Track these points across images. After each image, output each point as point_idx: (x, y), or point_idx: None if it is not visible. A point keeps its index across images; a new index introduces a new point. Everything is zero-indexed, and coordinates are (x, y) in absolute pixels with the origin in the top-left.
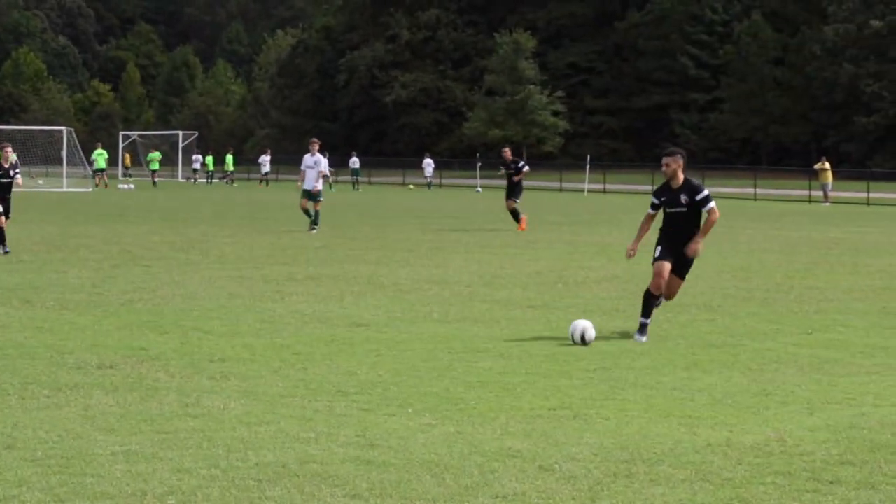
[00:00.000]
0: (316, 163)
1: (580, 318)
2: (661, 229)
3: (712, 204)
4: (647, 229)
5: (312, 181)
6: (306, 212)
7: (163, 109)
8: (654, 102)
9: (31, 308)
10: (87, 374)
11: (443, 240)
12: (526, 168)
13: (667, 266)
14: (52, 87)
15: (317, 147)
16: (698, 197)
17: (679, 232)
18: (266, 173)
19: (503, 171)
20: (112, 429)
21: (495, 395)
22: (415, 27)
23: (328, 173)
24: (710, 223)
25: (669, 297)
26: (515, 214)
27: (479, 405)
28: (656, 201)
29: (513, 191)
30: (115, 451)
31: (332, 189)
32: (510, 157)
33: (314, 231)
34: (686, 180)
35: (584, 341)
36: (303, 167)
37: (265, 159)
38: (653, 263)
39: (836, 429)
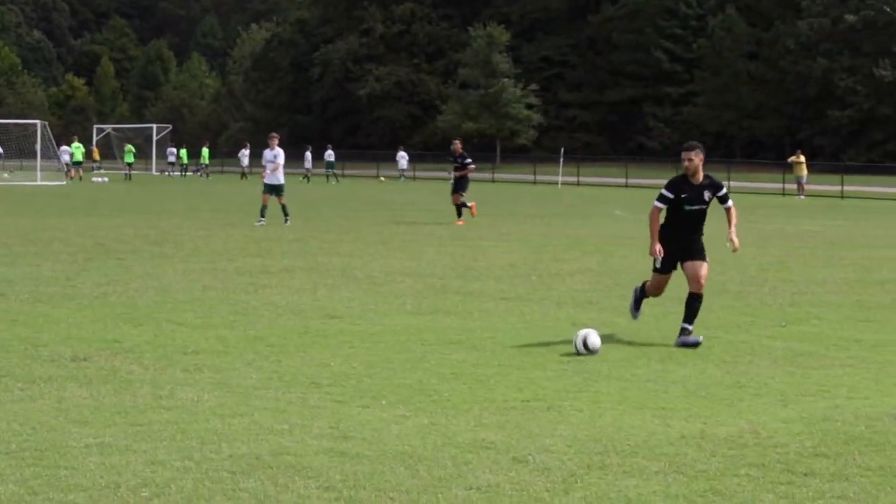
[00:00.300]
0: (275, 156)
1: (554, 310)
2: (667, 228)
3: (731, 202)
4: (659, 224)
5: (273, 175)
6: (264, 208)
7: (137, 103)
8: (628, 96)
9: (5, 301)
10: (61, 367)
11: (416, 232)
12: (472, 166)
13: (667, 279)
14: (26, 80)
15: (275, 142)
16: (721, 193)
17: (691, 231)
18: (246, 167)
19: (455, 169)
20: (86, 421)
21: (469, 386)
22: (389, 20)
23: (312, 167)
24: (736, 220)
25: (698, 289)
26: (460, 208)
27: (452, 397)
28: (670, 196)
29: (459, 185)
30: (89, 443)
31: (308, 182)
32: (459, 151)
33: (287, 223)
34: (707, 176)
35: (587, 348)
36: (264, 162)
37: (244, 153)
38: (653, 271)
39: (809, 421)
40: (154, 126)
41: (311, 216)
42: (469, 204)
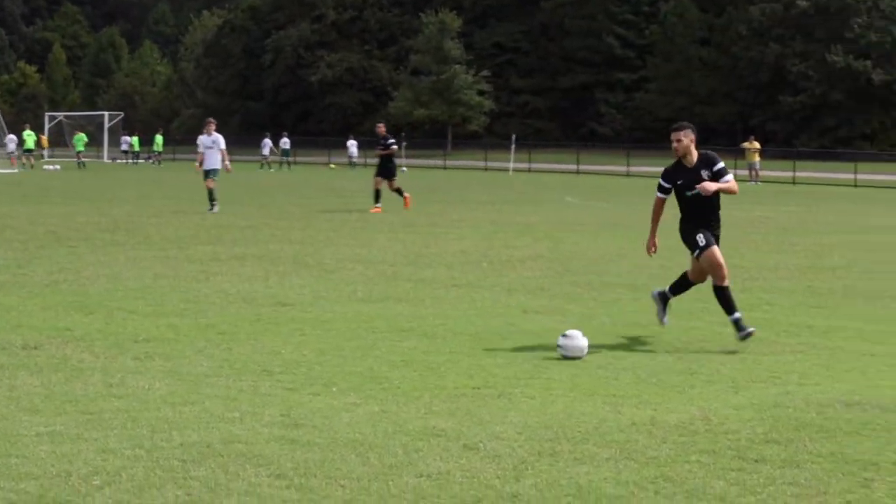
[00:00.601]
0: (214, 142)
1: (505, 297)
2: (686, 219)
3: (730, 175)
4: (661, 216)
5: (213, 161)
6: (211, 192)
7: (89, 90)
8: (580, 82)
9: None
10: (12, 355)
11: (367, 219)
12: (394, 147)
13: (718, 250)
14: None
15: (213, 127)
16: (716, 167)
17: (705, 216)
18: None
19: (378, 150)
20: (37, 409)
21: (419, 374)
22: (341, 7)
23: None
24: (727, 186)
25: (703, 279)
26: (378, 196)
27: (403, 384)
28: (667, 185)
29: (385, 169)
30: (40, 431)
31: (271, 169)
32: (383, 133)
33: (215, 210)
34: (702, 155)
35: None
36: (201, 148)
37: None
38: (699, 256)
39: (760, 407)
40: (106, 114)
41: (263, 203)
42: (378, 205)
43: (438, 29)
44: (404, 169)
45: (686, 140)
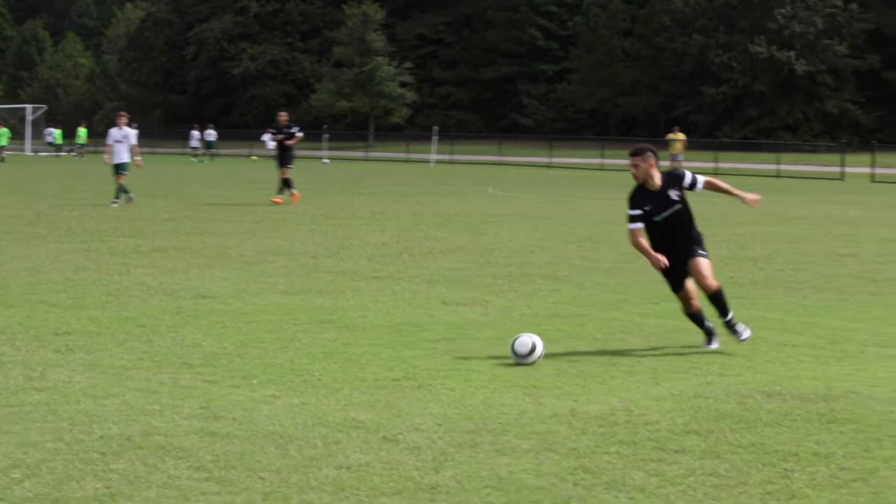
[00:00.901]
0: (125, 136)
1: (425, 288)
2: (654, 244)
3: (702, 177)
4: (644, 243)
5: (122, 155)
6: (121, 186)
7: (12, 83)
8: (503, 73)
9: None
10: None
11: (288, 211)
12: (299, 134)
13: (689, 287)
14: None
15: (124, 121)
16: (686, 182)
17: (680, 237)
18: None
19: (278, 137)
20: None
21: (340, 366)
22: None
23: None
24: (725, 188)
25: (708, 288)
26: (288, 184)
27: (323, 376)
28: (638, 212)
29: (285, 158)
30: None
31: (204, 161)
32: (285, 122)
33: (116, 204)
34: (665, 175)
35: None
36: (110, 141)
37: (132, 133)
38: (676, 293)
39: (681, 398)
40: (29, 107)
41: (184, 196)
42: (294, 191)
43: (361, 21)
44: (326, 160)
45: (644, 165)
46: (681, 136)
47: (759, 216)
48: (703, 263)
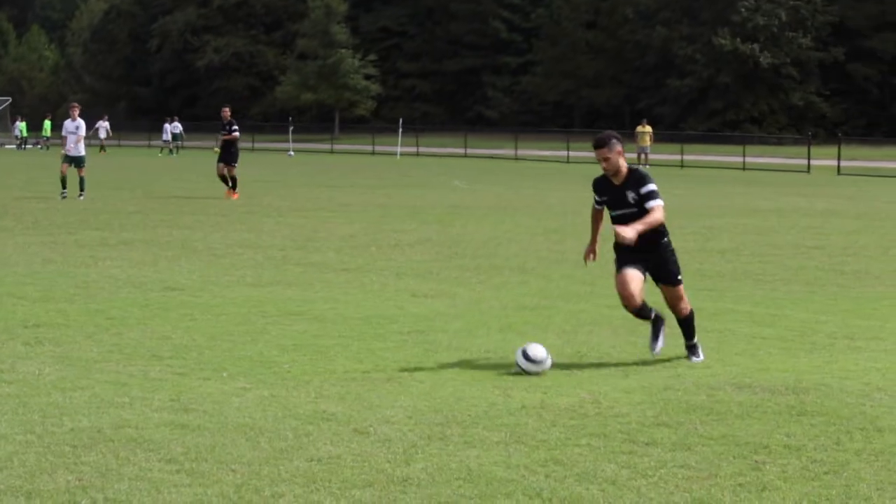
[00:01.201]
0: (77, 128)
1: (394, 280)
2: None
3: (657, 202)
4: (600, 222)
5: (74, 147)
6: (64, 179)
7: None
8: (466, 66)
9: None
10: None
11: (255, 204)
12: (236, 133)
13: (629, 274)
14: None
15: (77, 112)
16: (644, 190)
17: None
18: (105, 139)
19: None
20: None
21: (309, 358)
22: None
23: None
24: (650, 221)
25: (677, 311)
26: (229, 181)
27: (293, 368)
28: (598, 198)
29: (228, 155)
30: None
31: (172, 154)
32: (227, 118)
33: (82, 197)
34: (631, 172)
35: (529, 359)
36: (64, 132)
37: (102, 125)
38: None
39: (650, 390)
40: None
41: (151, 189)
42: (235, 190)
43: (324, 13)
44: (291, 153)
45: (614, 156)
46: (648, 128)
47: (726, 209)
48: (679, 292)
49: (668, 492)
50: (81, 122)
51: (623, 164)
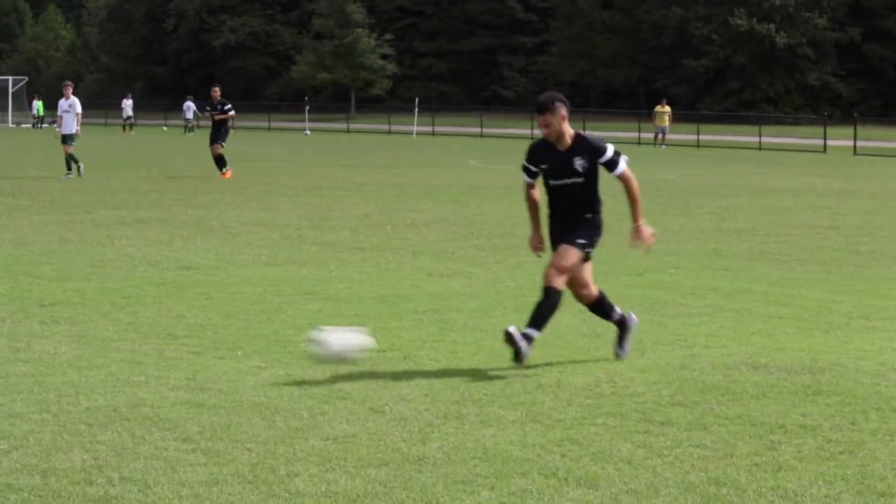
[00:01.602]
0: (71, 106)
1: (409, 259)
2: (551, 215)
3: (623, 167)
4: (536, 204)
5: (70, 126)
6: (71, 157)
7: None
8: (483, 45)
9: None
10: None
11: (271, 182)
12: (231, 112)
13: (579, 276)
14: None
15: (70, 90)
16: (604, 158)
17: (569, 213)
18: (129, 118)
19: (209, 112)
20: None
21: None
22: None
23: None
24: (634, 195)
25: (550, 279)
26: (220, 161)
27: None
28: (532, 168)
29: (218, 134)
30: None
31: (188, 133)
32: (218, 98)
33: (69, 177)
34: (579, 137)
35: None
36: (59, 112)
37: (127, 104)
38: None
39: (666, 370)
40: (10, 78)
41: (166, 167)
42: (228, 168)
43: None
44: (308, 132)
45: (556, 123)
46: (667, 108)
47: (742, 188)
48: (570, 254)
49: (683, 471)
50: (75, 100)
51: (567, 129)
